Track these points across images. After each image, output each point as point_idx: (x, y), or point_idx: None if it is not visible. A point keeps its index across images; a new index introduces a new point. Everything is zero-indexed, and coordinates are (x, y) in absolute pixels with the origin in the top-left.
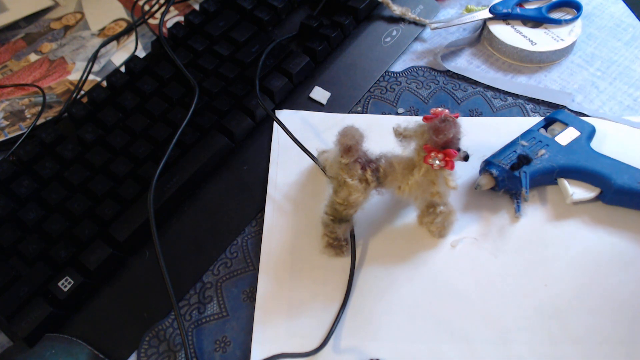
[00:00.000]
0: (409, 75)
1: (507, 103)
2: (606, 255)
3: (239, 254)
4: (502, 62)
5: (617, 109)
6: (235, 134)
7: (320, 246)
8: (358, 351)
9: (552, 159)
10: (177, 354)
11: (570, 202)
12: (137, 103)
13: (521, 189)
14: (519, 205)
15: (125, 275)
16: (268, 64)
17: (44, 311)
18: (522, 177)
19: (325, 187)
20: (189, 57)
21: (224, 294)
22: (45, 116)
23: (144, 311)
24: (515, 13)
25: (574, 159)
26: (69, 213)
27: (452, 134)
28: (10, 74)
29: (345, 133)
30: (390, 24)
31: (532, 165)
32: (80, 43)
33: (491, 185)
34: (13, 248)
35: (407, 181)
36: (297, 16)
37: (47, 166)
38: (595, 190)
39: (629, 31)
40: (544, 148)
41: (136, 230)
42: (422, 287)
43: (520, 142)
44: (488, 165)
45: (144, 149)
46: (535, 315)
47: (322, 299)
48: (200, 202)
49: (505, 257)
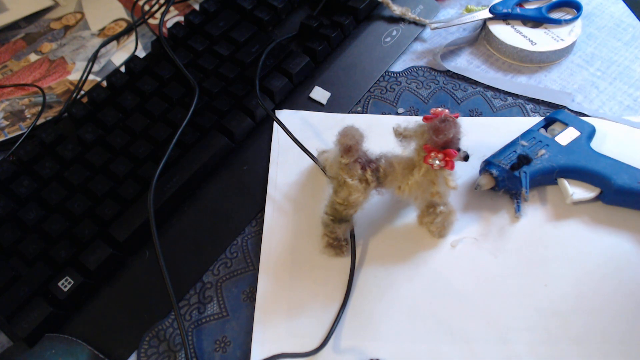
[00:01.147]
0: (409, 75)
1: (507, 103)
2: (606, 255)
3: (239, 254)
4: (502, 62)
5: (617, 109)
6: (235, 134)
7: (320, 246)
8: (358, 351)
9: (552, 159)
10: (177, 354)
11: (570, 202)
12: (137, 103)
13: (521, 189)
14: (519, 205)
15: (125, 275)
16: (268, 64)
17: (44, 311)
18: (522, 177)
19: (325, 187)
20: (189, 57)
21: (224, 294)
22: (45, 116)
23: (144, 311)
24: (515, 13)
25: (574, 159)
26: (69, 213)
27: (452, 134)
28: (10, 74)
29: (345, 133)
30: (390, 24)
31: (532, 165)
32: (80, 43)
33: (491, 185)
34: (13, 248)
35: (407, 181)
36: (297, 16)
37: (47, 166)
38: (595, 190)
39: (629, 31)
40: (544, 148)
41: (136, 230)
42: (422, 287)
43: (520, 142)
44: (488, 165)
45: (144, 149)
46: (535, 315)
47: (322, 299)
48: (200, 202)
49: (505, 257)
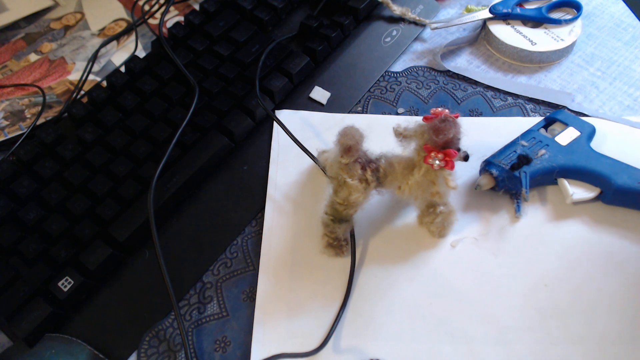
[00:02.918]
0: (409, 75)
1: (507, 103)
2: (606, 255)
3: (239, 254)
4: (502, 62)
5: (617, 109)
6: (235, 134)
7: (320, 246)
8: (358, 351)
9: (552, 159)
10: (177, 354)
11: (570, 202)
12: (137, 103)
13: (521, 189)
14: (519, 205)
15: (125, 275)
16: (268, 64)
17: (44, 311)
18: (522, 177)
19: (325, 187)
20: (189, 57)
21: (224, 294)
22: (45, 116)
23: (144, 311)
24: (515, 13)
25: (574, 159)
26: (69, 213)
27: (452, 134)
28: (10, 74)
29: (345, 133)
30: (390, 24)
31: (532, 165)
32: (80, 43)
33: (491, 185)
34: (13, 248)
35: (407, 181)
36: (297, 16)
37: (47, 166)
38: (595, 190)
39: (629, 31)
40: (544, 148)
41: (136, 230)
42: (422, 287)
43: (520, 142)
44: (488, 165)
45: (144, 149)
46: (536, 315)
47: (322, 299)
48: (200, 202)
49: (505, 257)
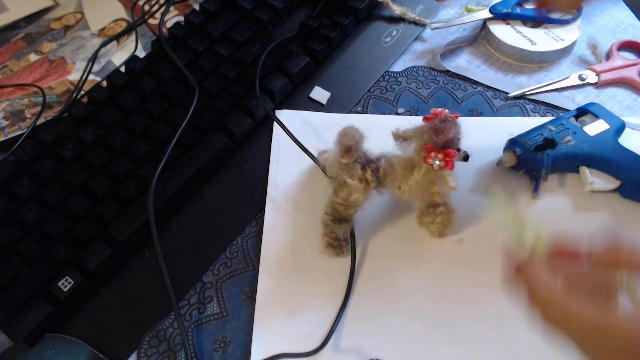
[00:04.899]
0: (409, 75)
1: (507, 103)
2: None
3: (239, 254)
4: (502, 62)
5: (617, 109)
6: (235, 134)
7: (320, 246)
8: (358, 351)
9: (577, 147)
10: (177, 354)
11: (588, 190)
12: (137, 103)
13: (542, 169)
14: (537, 186)
15: (125, 275)
16: (268, 64)
17: (44, 311)
18: (544, 157)
19: (325, 187)
20: (189, 57)
21: (224, 294)
22: (45, 116)
23: (144, 311)
24: (515, 13)
25: (599, 149)
26: (69, 213)
27: (452, 134)
28: (10, 74)
29: (345, 133)
30: (390, 24)
31: (556, 149)
32: (80, 43)
33: (513, 164)
34: (13, 248)
35: (407, 181)
36: (297, 16)
37: (47, 166)
38: (615, 183)
39: (629, 31)
40: (571, 135)
41: (136, 230)
42: (422, 287)
43: (548, 127)
44: (513, 143)
45: (144, 149)
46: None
47: (322, 299)
48: (200, 202)
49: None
